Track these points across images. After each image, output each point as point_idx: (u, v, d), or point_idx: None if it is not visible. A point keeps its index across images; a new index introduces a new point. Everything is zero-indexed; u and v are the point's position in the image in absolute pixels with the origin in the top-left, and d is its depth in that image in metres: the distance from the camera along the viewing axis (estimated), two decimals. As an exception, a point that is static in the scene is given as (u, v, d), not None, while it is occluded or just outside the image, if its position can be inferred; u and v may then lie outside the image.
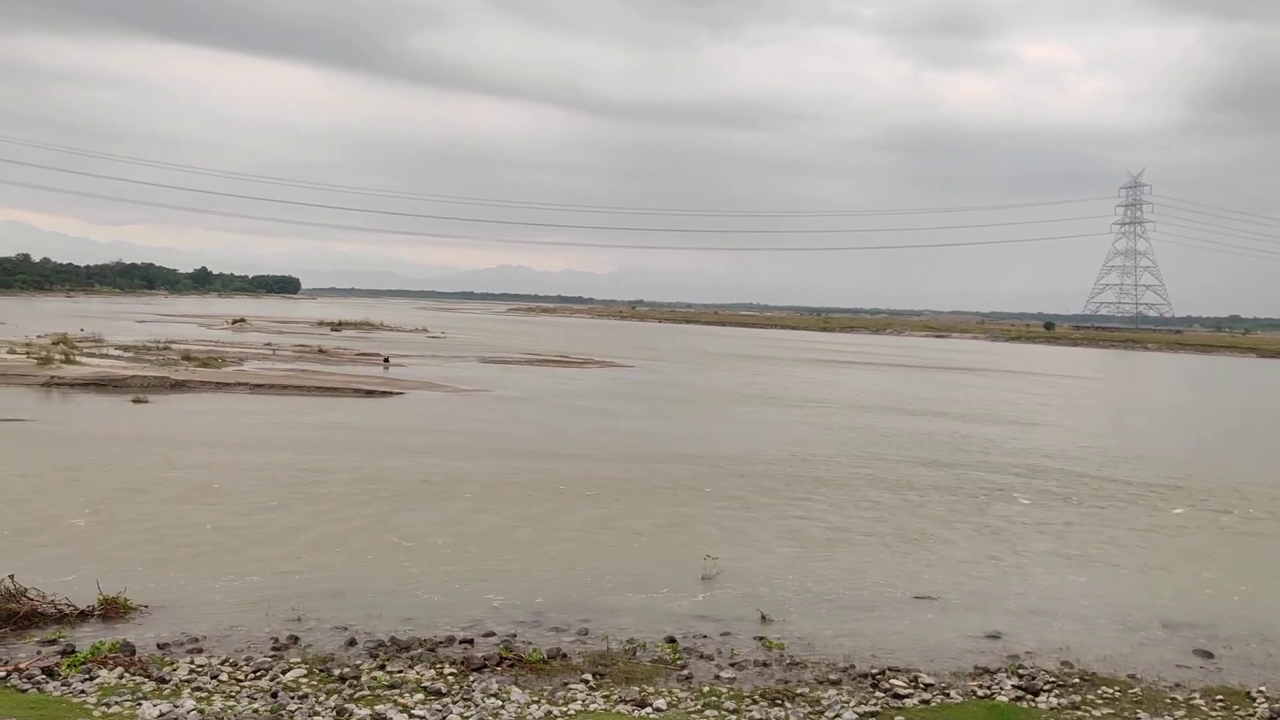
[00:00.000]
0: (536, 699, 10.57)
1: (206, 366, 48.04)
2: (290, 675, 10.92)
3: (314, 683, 10.76)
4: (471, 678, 11.12)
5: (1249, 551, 19.80)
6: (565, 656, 11.94)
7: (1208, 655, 13.25)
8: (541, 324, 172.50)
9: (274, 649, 11.87)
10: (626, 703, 10.60)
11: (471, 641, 12.42)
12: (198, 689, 10.44)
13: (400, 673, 11.14)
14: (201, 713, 9.83)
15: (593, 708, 10.44)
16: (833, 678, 11.68)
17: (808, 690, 11.24)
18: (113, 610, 12.79)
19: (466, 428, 32.81)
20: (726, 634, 13.21)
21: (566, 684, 11.09)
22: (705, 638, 13.01)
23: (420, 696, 10.45)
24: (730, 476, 25.29)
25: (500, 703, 10.41)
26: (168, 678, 10.67)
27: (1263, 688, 12.00)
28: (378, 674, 11.06)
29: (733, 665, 12.00)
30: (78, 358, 46.64)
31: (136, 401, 35.55)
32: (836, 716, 10.47)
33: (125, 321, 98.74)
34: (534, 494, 22.17)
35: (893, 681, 11.56)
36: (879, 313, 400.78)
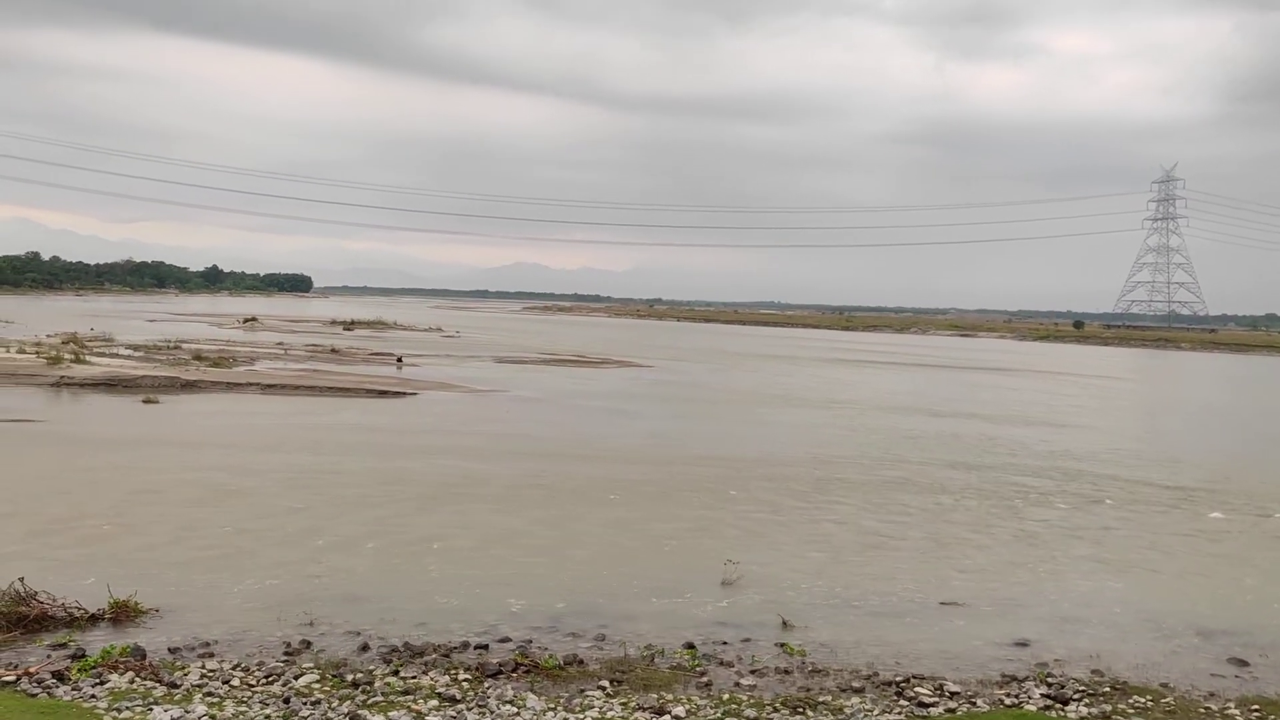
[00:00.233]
0: (553, 706, 10.60)
1: (218, 366, 48.35)
2: (303, 681, 10.98)
3: (327, 688, 10.82)
4: (486, 684, 11.15)
5: (1287, 557, 19.63)
6: (582, 663, 11.96)
7: (1243, 664, 13.15)
8: (558, 323, 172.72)
9: (286, 654, 11.94)
10: (644, 710, 10.61)
11: (487, 647, 12.45)
12: (209, 694, 10.52)
13: (414, 679, 11.19)
14: (213, 718, 9.91)
15: (610, 715, 10.46)
16: (855, 685, 11.65)
17: (830, 698, 11.22)
18: (123, 614, 12.89)
19: (482, 429, 32.90)
20: (747, 640, 13.20)
21: (583, 691, 11.10)
22: (725, 644, 13.00)
23: (434, 703, 10.50)
24: (752, 479, 25.26)
25: (516, 709, 10.45)
26: (179, 683, 10.76)
27: (1301, 698, 11.90)
28: (391, 680, 11.11)
29: (753, 672, 12.00)
30: (88, 357, 47.05)
31: (147, 402, 35.82)
32: (860, 725, 10.45)
33: (135, 320, 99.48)
34: (550, 496, 22.20)
35: (917, 690, 11.52)
36: (903, 311, 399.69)
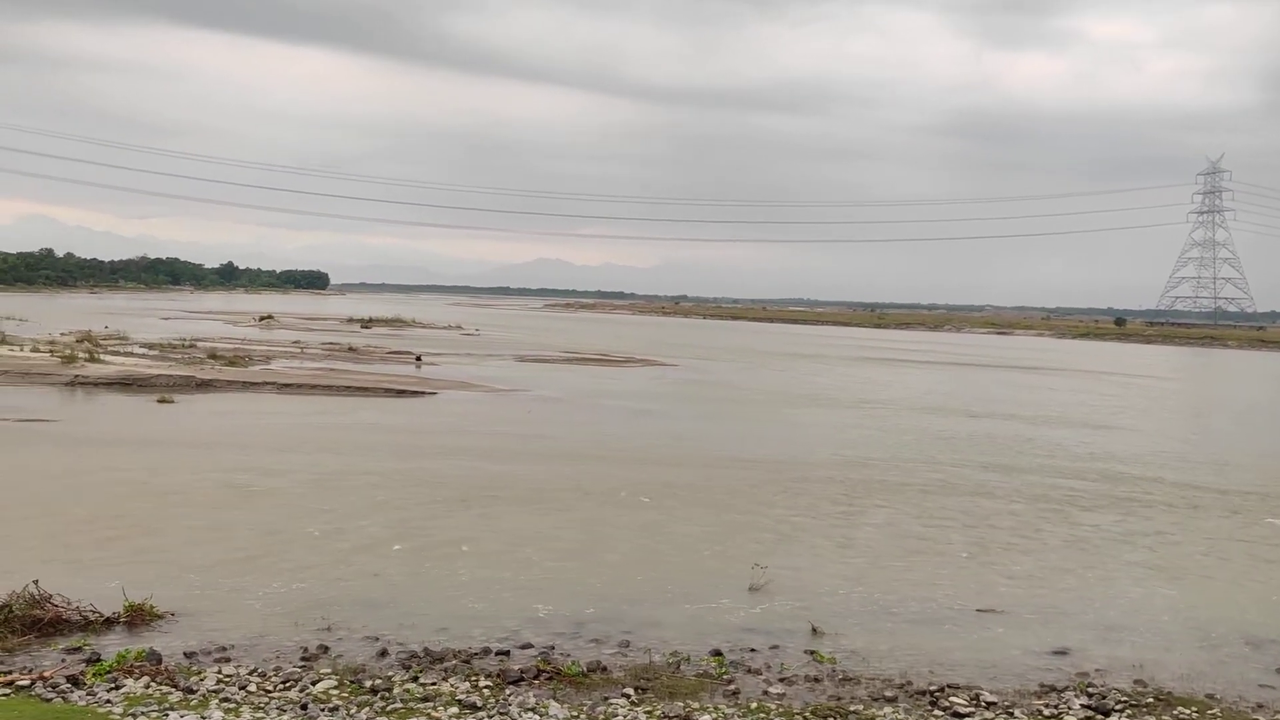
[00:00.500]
0: (576, 714, 10.62)
1: (233, 365, 48.72)
2: (320, 686, 11.06)
3: (345, 694, 10.89)
4: (508, 691, 11.19)
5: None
6: (606, 670, 11.97)
7: (1294, 675, 13.01)
8: (580, 320, 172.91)
9: (303, 659, 12.02)
10: (670, 719, 10.62)
11: (508, 653, 12.49)
12: (225, 699, 10.60)
13: (434, 685, 11.24)
14: (229, 724, 9.98)
15: (635, 724, 10.46)
16: (888, 695, 11.61)
17: (861, 708, 11.18)
18: (138, 617, 13.02)
19: (503, 429, 33.00)
20: (775, 647, 13.18)
21: (607, 698, 11.11)
22: (753, 651, 12.99)
23: (454, 710, 10.54)
24: (781, 481, 25.21)
25: (538, 717, 10.47)
26: (195, 688, 10.85)
27: (1354, 710, 11.76)
28: (410, 686, 11.16)
29: (782, 680, 11.97)
30: (102, 356, 47.53)
31: (162, 401, 36.15)
32: (893, 736, 10.42)
33: (150, 318, 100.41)
34: (574, 499, 22.25)
35: (952, 699, 11.47)
36: (936, 308, 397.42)
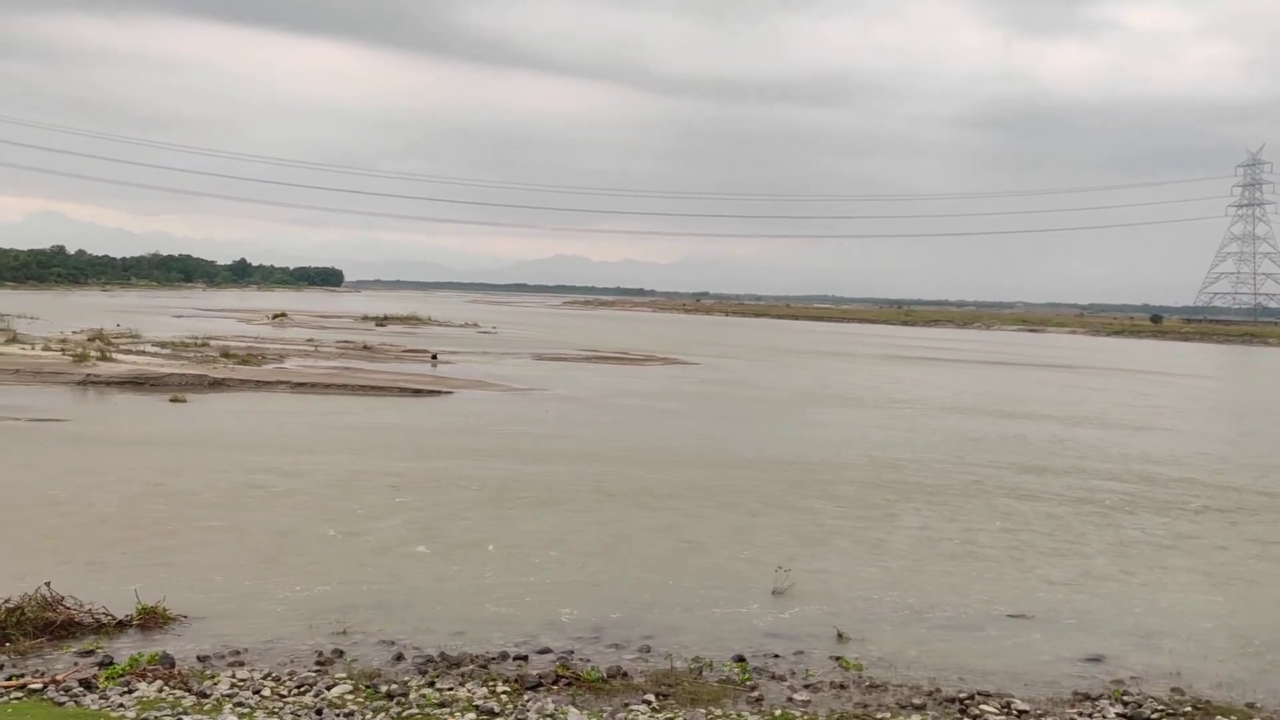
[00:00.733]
0: (595, 720, 10.64)
1: (246, 364, 49.02)
2: (335, 691, 11.11)
3: (360, 700, 10.94)
4: (526, 697, 11.21)
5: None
6: (626, 675, 11.98)
7: (1338, 684, 12.89)
8: (599, 318, 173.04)
9: (318, 663, 12.08)
10: (692, 726, 10.62)
11: (526, 658, 12.52)
12: (239, 704, 10.67)
13: (450, 690, 11.28)
14: (243, 729, 10.05)
15: (656, 731, 10.47)
16: (916, 702, 11.58)
17: (889, 715, 11.16)
18: (151, 620, 13.12)
19: (521, 429, 33.07)
20: (800, 653, 13.16)
21: (627, 705, 11.13)
22: (777, 657, 12.97)
23: (471, 716, 10.57)
24: (806, 483, 25.17)
25: (557, 724, 10.49)
26: (208, 692, 10.93)
27: (1400, 720, 11.64)
28: (427, 691, 11.21)
29: (807, 687, 11.96)
30: (114, 355, 47.91)
31: (174, 401, 36.40)
32: (921, 744, 10.39)
33: (162, 316, 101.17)
34: (593, 500, 22.28)
35: (983, 707, 11.43)
36: (965, 305, 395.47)
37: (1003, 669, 12.91)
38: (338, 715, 10.47)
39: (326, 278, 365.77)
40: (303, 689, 11.18)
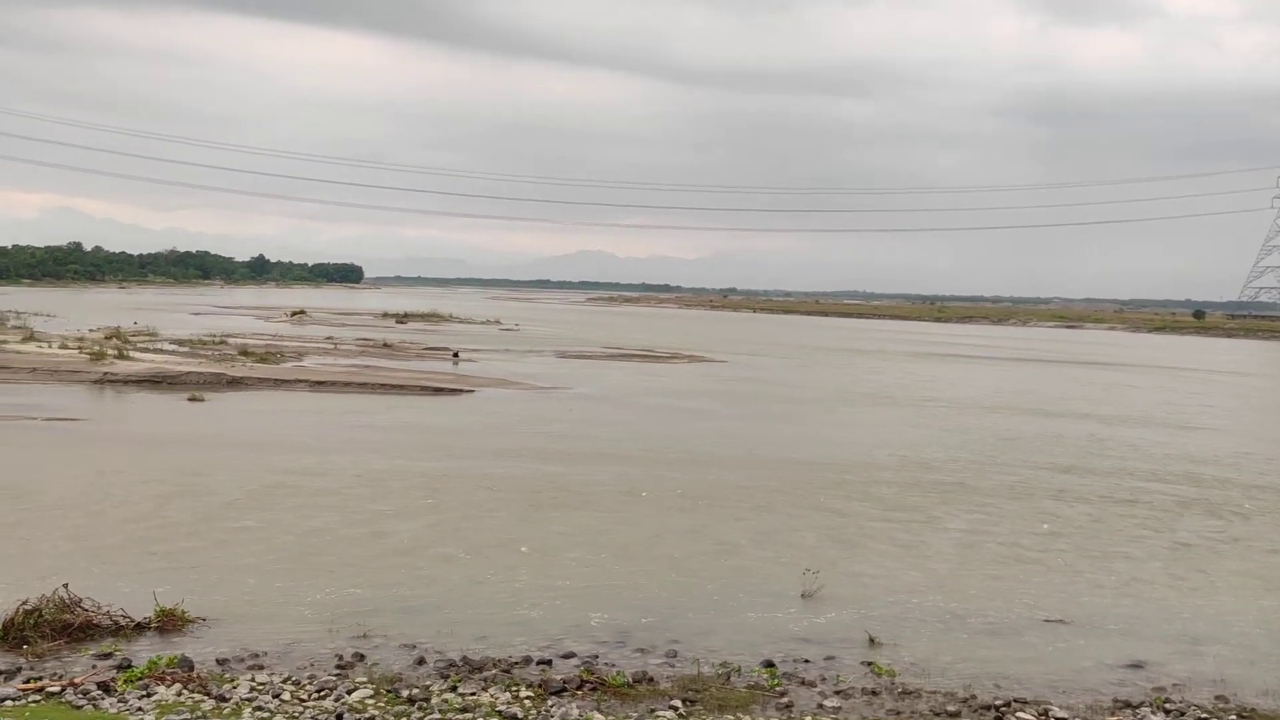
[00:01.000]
0: (621, 726, 10.65)
1: (264, 362, 49.35)
2: (356, 696, 11.18)
3: (381, 704, 11.00)
4: (550, 702, 11.25)
5: None
6: (652, 680, 12.00)
7: (1390, 692, 12.76)
8: (624, 315, 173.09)
9: (338, 667, 12.16)
10: (720, 732, 10.62)
11: (550, 662, 12.56)
12: (259, 708, 10.76)
13: (473, 695, 11.32)
14: (263, 734, 10.13)
15: (683, 737, 10.48)
16: (950, 709, 11.53)
17: (923, 723, 11.12)
18: (169, 623, 13.24)
19: (545, 429, 33.14)
20: (830, 658, 13.14)
21: (653, 710, 11.14)
22: (807, 662, 12.96)
23: (495, 721, 10.61)
24: (838, 484, 25.11)
25: (581, 730, 10.52)
26: (227, 696, 11.02)
27: None
28: (449, 696, 11.25)
29: (838, 693, 11.93)
30: (131, 353, 48.33)
31: (192, 400, 36.67)
32: (956, 753, 10.34)
33: (180, 314, 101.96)
34: (616, 501, 22.30)
35: (1019, 715, 11.38)
36: (1001, 301, 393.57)
37: (1041, 675, 12.84)
38: (358, 719, 10.54)
39: (346, 274, 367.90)
40: (323, 693, 11.26)
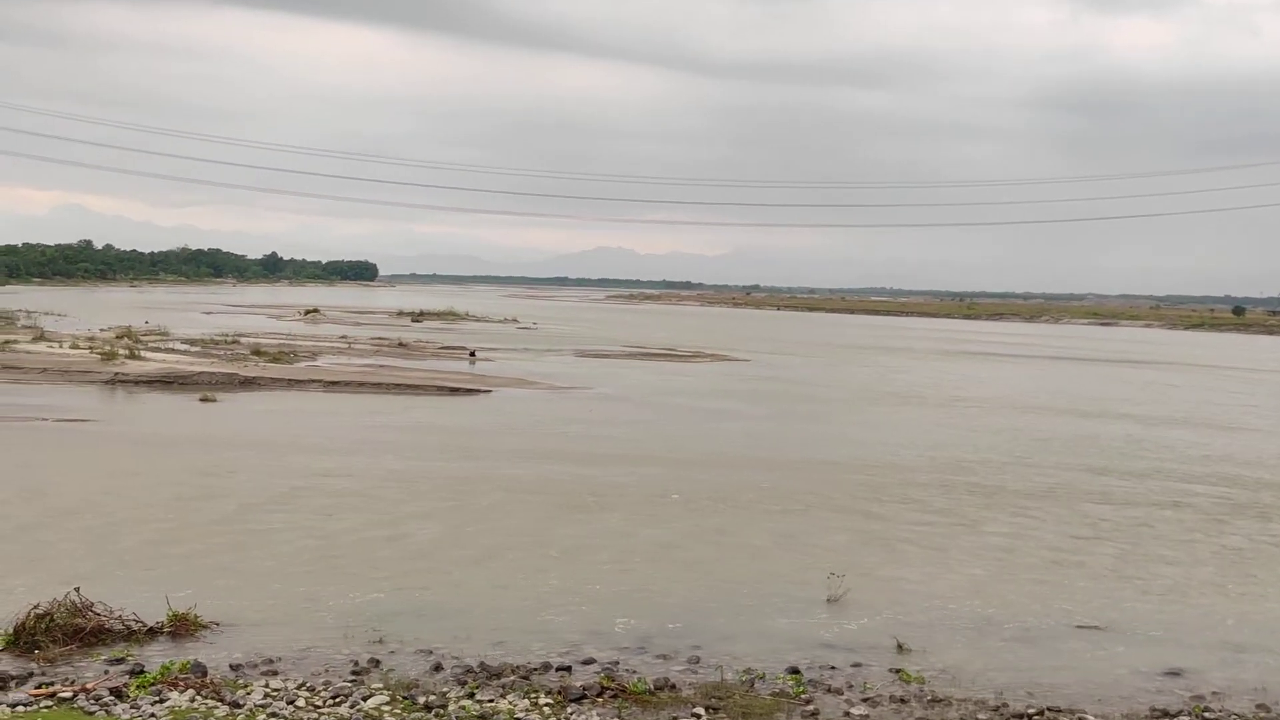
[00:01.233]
0: (643, 734, 10.65)
1: (277, 362, 49.59)
2: (371, 702, 11.21)
3: (397, 711, 11.04)
4: (569, 709, 11.26)
5: None
6: (674, 687, 11.99)
7: None
8: (644, 312, 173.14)
9: (354, 673, 12.20)
10: (744, 741, 10.61)
11: (569, 669, 12.56)
12: (273, 715, 10.81)
13: (491, 702, 11.34)
14: (277, 741, 10.18)
15: (706, 746, 10.47)
16: (981, 717, 11.49)
17: (953, 732, 11.09)
18: (182, 627, 13.31)
19: (564, 430, 33.18)
20: (857, 665, 13.11)
21: (675, 718, 11.15)
22: (833, 668, 12.93)
23: (513, 728, 10.63)
24: (865, 486, 25.04)
25: (602, 737, 10.53)
26: (241, 702, 11.08)
27: None
28: (466, 703, 11.28)
29: (865, 701, 11.90)
30: (142, 353, 48.65)
31: (204, 400, 36.88)
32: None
33: (192, 313, 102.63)
34: (638, 504, 22.31)
35: (1054, 724, 11.32)
36: (1032, 297, 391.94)
37: (1076, 683, 12.77)
38: (374, 727, 10.58)
39: (360, 272, 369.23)
40: (338, 699, 11.30)
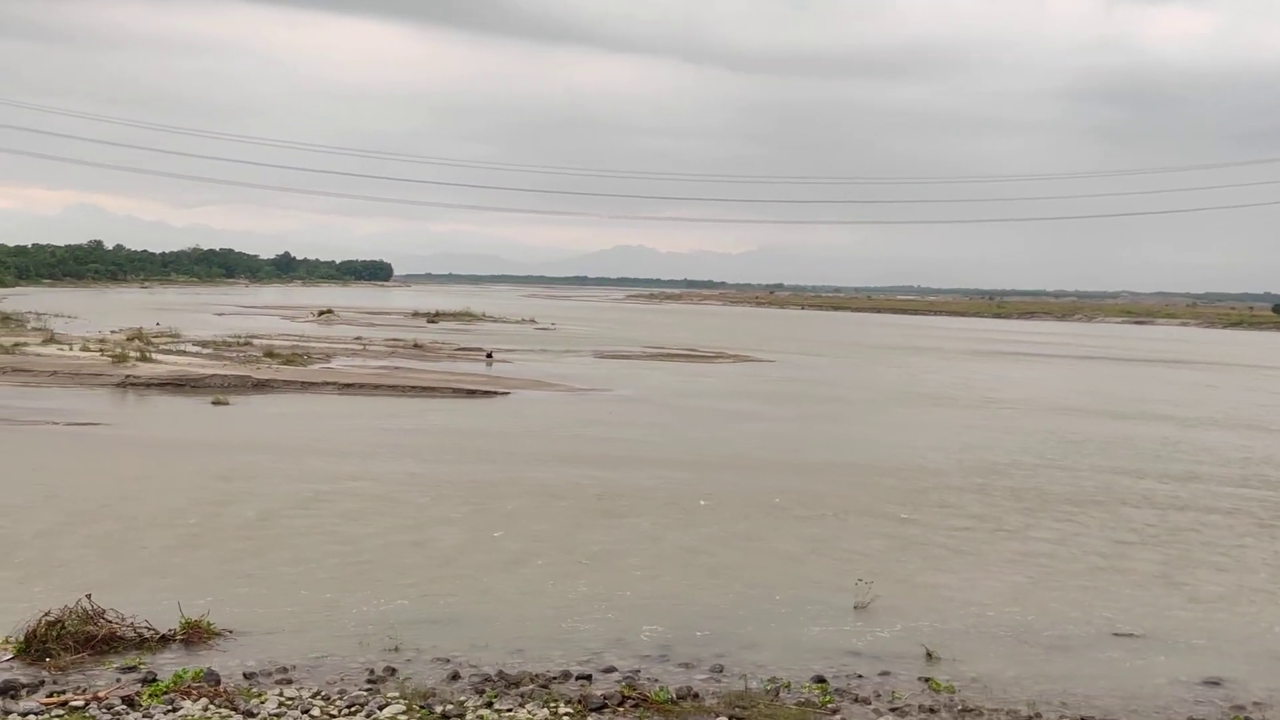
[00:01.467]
0: (665, 745, 10.65)
1: (291, 364, 49.80)
2: (388, 711, 11.25)
3: (414, 720, 11.07)
4: (590, 718, 11.27)
5: None
6: (697, 696, 11.99)
7: None
8: (665, 312, 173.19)
9: (369, 681, 12.24)
10: (769, 752, 10.59)
11: (589, 678, 12.57)
12: (287, 724, 10.86)
13: (509, 712, 11.36)
14: (292, 750, 10.23)
15: (730, 756, 10.47)
16: (1014, 728, 11.45)
17: (985, 742, 11.05)
18: (195, 635, 13.39)
19: (584, 432, 33.22)
20: (885, 673, 13.08)
21: (699, 728, 11.14)
22: (860, 677, 12.90)
23: (532, 738, 10.64)
24: (894, 490, 24.98)
25: (623, 748, 10.53)
26: (255, 711, 11.12)
27: None
28: (484, 712, 11.30)
29: (893, 710, 11.87)
30: (154, 355, 48.97)
31: (216, 403, 37.10)
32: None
33: (204, 314, 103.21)
34: (661, 508, 22.31)
35: (1088, 734, 11.27)
36: (1064, 295, 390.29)
37: (1112, 693, 12.70)
38: (391, 736, 10.61)
39: (374, 271, 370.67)
40: (353, 709, 11.33)
